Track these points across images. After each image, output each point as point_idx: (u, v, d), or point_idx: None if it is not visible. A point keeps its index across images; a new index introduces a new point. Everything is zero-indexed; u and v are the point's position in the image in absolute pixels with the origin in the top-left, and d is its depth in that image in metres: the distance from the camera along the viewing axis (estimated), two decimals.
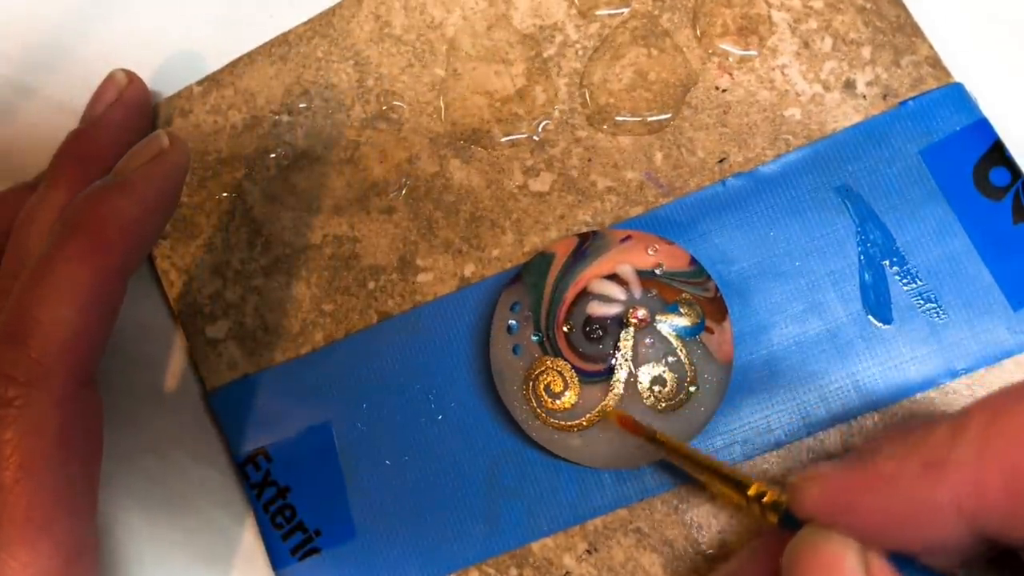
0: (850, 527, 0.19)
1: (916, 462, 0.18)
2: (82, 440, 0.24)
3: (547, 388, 0.25)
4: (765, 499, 0.21)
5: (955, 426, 0.18)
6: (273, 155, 0.31)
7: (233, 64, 0.32)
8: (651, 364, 0.25)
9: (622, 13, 0.29)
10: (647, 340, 0.25)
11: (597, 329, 0.25)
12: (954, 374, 0.25)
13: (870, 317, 0.26)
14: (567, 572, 0.26)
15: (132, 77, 0.31)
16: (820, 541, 0.19)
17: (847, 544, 0.18)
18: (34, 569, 0.22)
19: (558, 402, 0.25)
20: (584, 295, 0.26)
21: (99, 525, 0.30)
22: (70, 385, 0.23)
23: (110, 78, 0.31)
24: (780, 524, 0.20)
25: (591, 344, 0.25)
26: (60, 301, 0.23)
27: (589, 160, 0.29)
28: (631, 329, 0.25)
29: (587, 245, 0.26)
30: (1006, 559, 0.19)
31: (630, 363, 0.25)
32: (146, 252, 0.26)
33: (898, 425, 0.25)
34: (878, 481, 0.18)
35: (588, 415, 0.25)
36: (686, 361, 0.25)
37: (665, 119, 0.28)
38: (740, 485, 0.22)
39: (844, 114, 0.27)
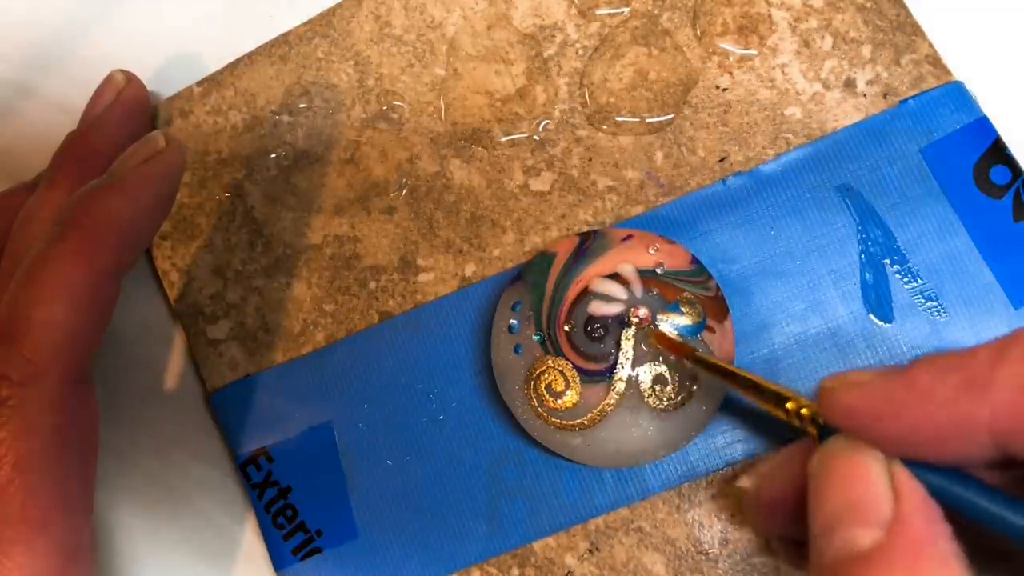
0: (879, 438, 0.19)
1: (956, 380, 0.18)
2: (77, 438, 0.24)
3: (548, 387, 0.25)
4: (804, 411, 0.21)
5: (998, 348, 0.18)
6: (273, 155, 0.31)
7: (233, 64, 0.32)
8: (653, 363, 0.25)
9: (622, 12, 0.29)
10: (648, 339, 0.25)
11: (598, 328, 0.25)
12: None
13: (871, 316, 0.26)
14: (569, 571, 0.26)
15: (130, 77, 0.31)
16: (847, 451, 0.19)
17: (873, 455, 0.19)
18: (31, 569, 0.22)
19: (560, 401, 0.25)
20: (585, 294, 0.26)
21: (99, 525, 0.30)
22: (64, 384, 0.23)
23: (108, 79, 0.31)
24: (818, 438, 0.21)
25: (592, 343, 0.25)
26: (53, 300, 0.23)
27: (590, 160, 0.29)
28: (632, 328, 0.25)
29: (588, 244, 0.26)
30: (1007, 466, 0.20)
31: (632, 362, 0.25)
32: (140, 252, 0.26)
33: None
34: (915, 395, 0.19)
35: (590, 414, 0.25)
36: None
37: (666, 119, 0.28)
38: (779, 399, 0.22)
39: (844, 113, 0.27)
